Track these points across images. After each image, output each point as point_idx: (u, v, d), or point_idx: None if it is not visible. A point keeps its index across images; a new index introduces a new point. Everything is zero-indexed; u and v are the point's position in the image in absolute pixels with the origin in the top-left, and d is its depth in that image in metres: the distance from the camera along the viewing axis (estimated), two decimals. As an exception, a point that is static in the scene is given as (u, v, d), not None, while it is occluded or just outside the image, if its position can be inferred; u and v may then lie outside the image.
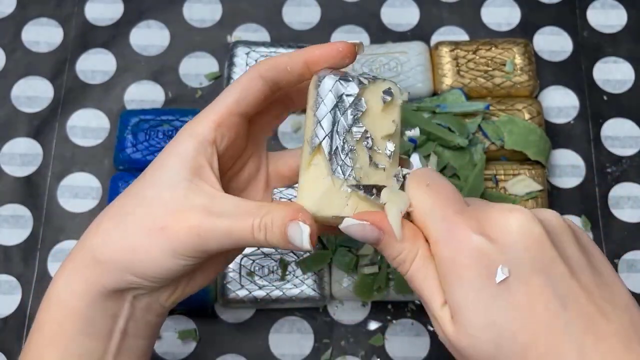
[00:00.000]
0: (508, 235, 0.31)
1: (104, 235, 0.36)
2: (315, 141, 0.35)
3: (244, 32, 0.66)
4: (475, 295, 0.31)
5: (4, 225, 0.59)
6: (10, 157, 0.62)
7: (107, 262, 0.35)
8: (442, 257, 0.32)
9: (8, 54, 0.65)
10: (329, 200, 0.34)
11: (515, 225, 0.31)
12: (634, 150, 0.62)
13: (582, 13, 0.66)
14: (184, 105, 0.63)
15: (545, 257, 0.31)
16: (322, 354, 0.55)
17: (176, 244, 0.34)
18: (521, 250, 0.31)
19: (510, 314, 0.30)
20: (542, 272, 0.30)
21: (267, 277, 0.55)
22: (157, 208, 0.35)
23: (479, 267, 0.31)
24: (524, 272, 0.30)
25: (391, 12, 0.67)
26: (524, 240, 0.31)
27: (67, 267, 0.37)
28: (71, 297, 0.36)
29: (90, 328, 0.36)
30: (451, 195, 0.33)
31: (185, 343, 0.56)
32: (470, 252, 0.31)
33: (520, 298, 0.30)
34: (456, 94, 0.59)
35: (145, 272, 0.35)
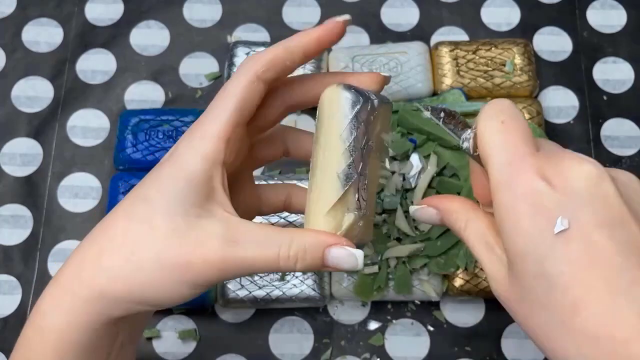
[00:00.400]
0: (575, 185, 0.29)
1: (111, 272, 0.33)
2: (349, 176, 0.33)
3: (244, 32, 0.66)
4: (532, 244, 0.30)
5: (4, 225, 0.59)
6: (10, 157, 0.62)
7: (117, 297, 0.33)
8: (500, 202, 0.31)
9: (8, 54, 0.65)
10: (349, 231, 0.34)
11: (583, 176, 0.29)
12: (633, 150, 0.62)
13: (582, 13, 0.67)
14: (184, 105, 0.63)
15: (613, 214, 0.29)
16: (322, 354, 0.55)
17: (197, 278, 0.32)
18: (586, 202, 0.29)
19: (564, 266, 0.29)
20: (607, 228, 0.29)
21: (267, 277, 0.55)
22: (172, 240, 0.32)
23: (538, 215, 0.29)
24: (586, 225, 0.29)
25: (391, 12, 0.67)
26: (591, 192, 0.29)
27: (63, 300, 0.34)
28: (71, 330, 0.34)
29: (92, 354, 0.35)
30: (523, 137, 0.32)
31: (185, 343, 0.56)
32: (531, 199, 0.30)
33: (580, 252, 0.29)
34: (456, 94, 0.59)
35: (161, 302, 0.33)
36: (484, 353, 0.55)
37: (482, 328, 0.56)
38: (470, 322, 0.56)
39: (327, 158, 0.34)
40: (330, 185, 0.33)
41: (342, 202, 0.34)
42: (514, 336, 0.56)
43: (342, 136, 0.33)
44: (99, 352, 0.35)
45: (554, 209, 0.29)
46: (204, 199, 0.33)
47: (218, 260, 0.32)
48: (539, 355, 0.55)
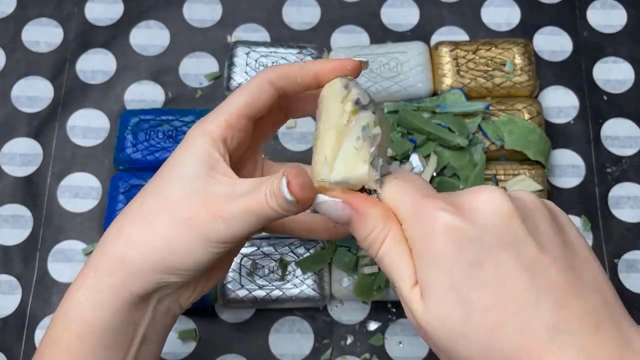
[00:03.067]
0: (476, 211, 0.31)
1: (128, 239, 0.36)
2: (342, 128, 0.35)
3: (244, 32, 0.66)
4: (446, 272, 0.31)
5: (4, 225, 0.59)
6: (10, 157, 0.62)
7: (136, 264, 0.35)
8: (413, 236, 0.32)
9: (8, 54, 0.65)
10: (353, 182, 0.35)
11: (484, 201, 0.31)
12: (633, 150, 0.62)
13: (582, 13, 0.67)
14: (184, 105, 0.63)
15: (514, 232, 0.30)
16: (322, 354, 0.55)
17: (207, 231, 0.34)
18: (490, 226, 0.30)
19: (480, 291, 0.30)
20: (511, 248, 0.30)
21: (267, 277, 0.55)
22: (181, 202, 0.35)
23: (449, 244, 0.31)
24: (494, 248, 0.30)
25: (391, 12, 0.67)
26: (493, 216, 0.31)
27: (88, 277, 0.36)
28: (94, 309, 0.35)
29: (112, 339, 0.36)
30: (419, 183, 0.34)
31: (185, 343, 0.56)
32: (440, 229, 0.31)
33: (491, 274, 0.30)
34: (456, 94, 0.59)
35: (178, 265, 0.35)
36: (484, 353, 0.55)
37: (482, 328, 0.56)
38: (470, 322, 0.56)
39: (327, 118, 0.36)
40: (327, 135, 0.35)
41: (357, 152, 0.35)
42: (514, 336, 0.55)
43: (340, 99, 0.36)
44: (120, 339, 0.36)
45: (463, 235, 0.30)
46: (209, 168, 0.36)
47: (228, 214, 0.34)
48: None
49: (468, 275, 0.30)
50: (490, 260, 0.30)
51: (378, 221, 0.33)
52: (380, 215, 0.34)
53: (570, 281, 0.30)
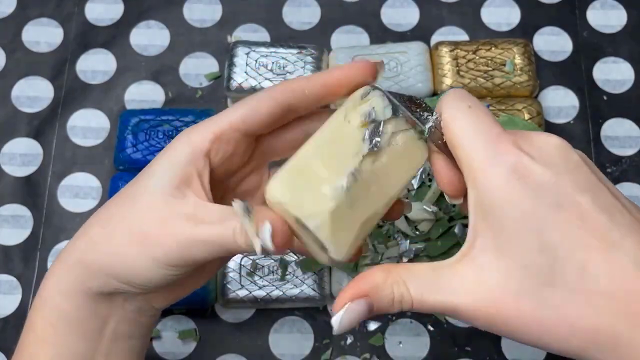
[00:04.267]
0: (550, 155, 0.31)
1: (90, 239, 0.35)
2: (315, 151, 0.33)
3: (244, 32, 0.66)
4: (526, 218, 0.30)
5: (4, 225, 0.59)
6: (10, 157, 0.62)
7: (92, 265, 0.35)
8: (484, 182, 0.30)
9: (8, 54, 0.65)
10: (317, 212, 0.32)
11: (556, 146, 0.31)
12: (633, 150, 0.62)
13: (582, 13, 0.67)
14: (184, 105, 0.63)
15: (587, 179, 0.31)
16: (322, 354, 0.55)
17: (157, 253, 0.33)
18: (565, 171, 0.30)
19: (563, 233, 0.29)
20: (587, 192, 0.30)
21: (267, 277, 0.55)
22: (143, 214, 0.34)
23: (527, 188, 0.30)
24: (571, 190, 0.30)
25: (391, 12, 0.67)
26: (567, 162, 0.31)
27: (55, 268, 0.36)
28: (61, 298, 0.36)
29: (81, 329, 0.36)
30: (493, 119, 0.32)
31: (185, 343, 0.56)
32: (516, 174, 0.30)
33: (571, 216, 0.29)
34: (456, 94, 0.59)
35: (129, 279, 0.34)
36: (484, 353, 0.55)
37: (482, 328, 0.56)
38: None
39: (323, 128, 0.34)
40: (298, 153, 0.33)
41: (302, 173, 0.32)
42: (514, 336, 0.55)
43: (353, 116, 0.34)
44: (89, 330, 0.36)
45: (541, 178, 0.30)
46: (180, 182, 0.34)
47: (183, 238, 0.33)
48: (538, 356, 0.55)
49: (549, 219, 0.29)
50: (570, 203, 0.30)
51: (388, 282, 0.31)
52: (385, 276, 0.31)
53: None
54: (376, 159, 0.33)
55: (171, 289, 0.38)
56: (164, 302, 0.38)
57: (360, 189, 0.32)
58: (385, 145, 0.33)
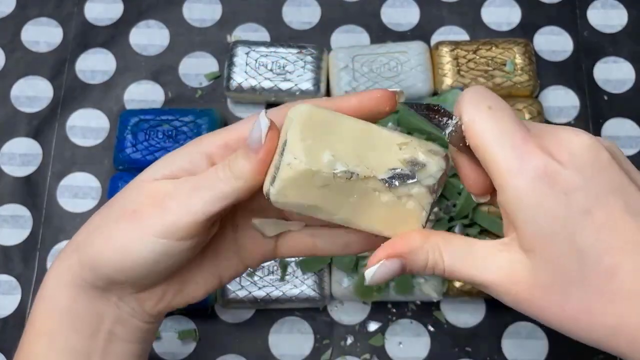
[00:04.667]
0: (579, 156, 0.30)
1: (87, 230, 0.36)
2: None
3: (244, 32, 0.66)
4: (556, 222, 0.29)
5: (4, 225, 0.59)
6: (10, 157, 0.62)
7: (86, 255, 0.35)
8: (516, 188, 0.30)
9: (8, 54, 0.65)
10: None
11: (584, 145, 0.30)
12: (634, 150, 0.62)
13: (582, 13, 0.66)
14: (183, 105, 0.63)
15: (618, 179, 0.30)
16: (322, 354, 0.55)
17: (149, 223, 0.33)
18: (595, 173, 0.30)
19: (594, 237, 0.29)
20: (617, 194, 0.30)
21: (267, 278, 0.55)
22: (134, 196, 0.35)
23: (558, 192, 0.30)
24: (600, 196, 0.30)
25: (391, 12, 0.67)
26: (595, 163, 0.30)
27: (56, 262, 0.37)
28: (59, 291, 0.36)
29: (77, 324, 0.36)
30: (515, 119, 0.32)
31: (185, 343, 0.56)
32: (547, 179, 0.30)
33: (602, 220, 0.29)
34: (456, 94, 0.59)
35: (118, 263, 0.34)
36: (484, 353, 0.55)
37: (482, 328, 0.56)
38: (471, 323, 0.56)
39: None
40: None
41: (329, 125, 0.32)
42: (514, 336, 0.55)
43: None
44: (86, 326, 0.36)
45: (570, 183, 0.30)
46: (173, 174, 0.34)
47: (167, 199, 0.33)
48: (539, 356, 0.55)
49: (580, 223, 0.29)
50: (599, 207, 0.29)
51: (425, 247, 0.32)
52: (422, 241, 0.32)
53: None
54: (379, 190, 0.33)
55: (166, 293, 0.38)
56: (158, 307, 0.38)
57: (343, 188, 0.32)
58: (397, 192, 0.33)
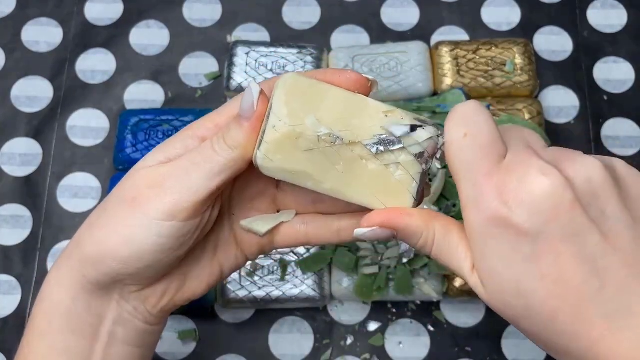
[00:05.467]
0: (536, 205, 0.30)
1: (88, 225, 0.36)
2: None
3: (244, 32, 0.66)
4: (503, 264, 0.30)
5: (4, 225, 0.59)
6: (10, 157, 0.62)
7: (86, 249, 0.35)
8: (470, 223, 0.31)
9: (8, 54, 0.65)
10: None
11: (544, 194, 0.30)
12: (634, 150, 0.62)
13: (582, 13, 0.66)
14: (183, 105, 0.63)
15: (576, 223, 0.29)
16: (322, 354, 0.55)
17: (148, 207, 0.33)
18: (550, 219, 0.29)
19: (538, 282, 0.30)
20: (571, 239, 0.29)
21: (267, 278, 0.55)
22: (130, 184, 0.35)
23: (505, 238, 0.30)
24: (553, 241, 0.29)
25: (391, 12, 0.67)
26: (553, 209, 0.29)
27: (59, 259, 0.37)
28: (59, 291, 0.36)
29: (76, 325, 0.36)
30: (487, 149, 0.31)
31: (185, 343, 0.56)
32: (497, 222, 0.30)
33: (549, 266, 0.30)
34: (456, 94, 0.59)
35: (120, 251, 0.34)
36: (484, 353, 0.55)
37: (482, 328, 0.56)
38: (471, 323, 0.56)
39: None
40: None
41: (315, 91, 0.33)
42: (514, 336, 0.55)
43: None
44: (85, 326, 0.36)
45: (520, 229, 0.30)
46: (171, 158, 0.35)
47: (164, 181, 0.34)
48: (539, 356, 0.55)
49: (525, 269, 0.30)
50: (549, 253, 0.30)
51: (421, 229, 0.33)
52: (421, 224, 0.33)
53: (636, 264, 0.29)
54: (365, 158, 0.33)
55: (168, 289, 0.37)
56: (158, 304, 0.37)
57: (329, 154, 0.33)
58: (383, 159, 0.33)
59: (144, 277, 0.36)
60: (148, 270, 0.35)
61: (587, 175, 0.30)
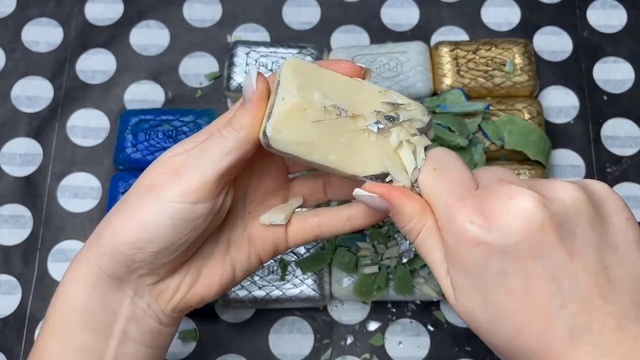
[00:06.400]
0: (507, 225, 0.31)
1: (107, 218, 0.37)
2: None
3: (244, 32, 0.66)
4: (473, 280, 0.32)
5: (4, 225, 0.59)
6: (10, 157, 0.62)
7: (105, 239, 0.36)
8: (445, 240, 0.33)
9: (8, 54, 0.65)
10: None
11: (516, 214, 0.31)
12: (633, 150, 0.62)
13: (582, 13, 0.66)
14: (183, 105, 0.63)
15: (545, 243, 0.31)
16: (322, 354, 0.55)
17: (164, 191, 0.35)
18: (520, 239, 0.31)
19: (505, 298, 0.31)
20: (540, 258, 0.31)
21: (267, 277, 0.55)
22: (148, 174, 0.36)
23: (477, 256, 0.32)
24: (522, 260, 0.31)
25: (391, 12, 0.67)
26: (524, 229, 0.31)
27: (76, 256, 0.37)
28: (74, 288, 0.36)
29: (91, 321, 0.36)
30: (456, 180, 0.34)
31: (185, 343, 0.56)
32: (468, 241, 0.32)
33: (516, 285, 0.31)
34: (456, 94, 0.59)
35: (140, 235, 0.35)
36: (484, 353, 0.55)
37: (482, 328, 0.56)
38: (471, 322, 0.56)
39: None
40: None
41: (318, 72, 0.35)
42: (514, 336, 0.55)
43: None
44: (100, 323, 0.36)
45: (491, 247, 0.31)
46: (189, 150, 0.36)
47: (180, 166, 0.35)
48: (539, 356, 0.55)
49: (494, 284, 0.32)
50: (518, 271, 0.31)
51: (414, 214, 0.35)
52: (416, 209, 0.35)
53: (600, 283, 0.31)
54: (367, 131, 0.35)
55: (180, 285, 0.38)
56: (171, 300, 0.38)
57: (335, 126, 0.35)
58: (384, 133, 0.35)
59: (158, 265, 0.36)
60: (162, 255, 0.36)
61: (560, 196, 0.32)
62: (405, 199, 0.35)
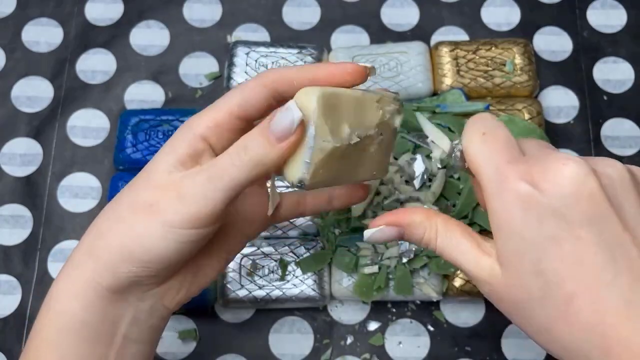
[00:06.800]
0: (560, 187, 0.31)
1: (98, 229, 0.36)
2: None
3: (244, 32, 0.66)
4: (525, 245, 0.31)
5: (4, 225, 0.59)
6: (10, 157, 0.62)
7: (102, 256, 0.35)
8: (493, 209, 0.33)
9: (8, 54, 0.65)
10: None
11: (568, 177, 0.31)
12: (633, 150, 0.62)
13: (582, 13, 0.67)
14: (184, 105, 0.63)
15: (597, 211, 0.31)
16: (322, 354, 0.55)
17: (166, 215, 0.34)
18: (573, 202, 0.31)
19: (558, 264, 0.31)
20: (592, 226, 0.30)
21: (267, 277, 0.55)
22: (144, 190, 0.35)
23: (530, 219, 0.31)
24: (574, 225, 0.30)
25: (391, 12, 0.67)
26: (576, 193, 0.31)
27: (66, 266, 0.36)
28: (69, 300, 0.35)
29: (90, 333, 0.35)
30: (505, 144, 0.33)
31: (185, 343, 0.56)
32: (521, 204, 0.31)
33: (569, 250, 0.31)
34: (456, 94, 0.59)
35: (142, 256, 0.34)
36: (484, 353, 0.55)
37: (482, 328, 0.56)
38: (470, 322, 0.56)
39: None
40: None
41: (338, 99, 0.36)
42: (514, 336, 0.55)
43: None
44: (100, 334, 0.36)
45: (544, 210, 0.31)
46: (179, 162, 0.35)
47: (181, 190, 0.34)
48: (539, 356, 0.55)
49: (547, 249, 0.31)
50: (570, 236, 0.31)
51: (424, 224, 0.35)
52: (423, 219, 0.36)
53: None
54: (370, 144, 0.38)
55: (183, 283, 0.38)
56: (175, 299, 0.38)
57: (351, 151, 0.36)
58: (377, 140, 0.38)
59: (162, 277, 0.36)
60: (167, 271, 0.36)
61: (610, 170, 0.32)
62: (409, 212, 0.36)
